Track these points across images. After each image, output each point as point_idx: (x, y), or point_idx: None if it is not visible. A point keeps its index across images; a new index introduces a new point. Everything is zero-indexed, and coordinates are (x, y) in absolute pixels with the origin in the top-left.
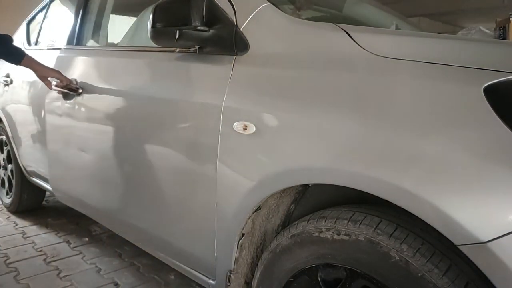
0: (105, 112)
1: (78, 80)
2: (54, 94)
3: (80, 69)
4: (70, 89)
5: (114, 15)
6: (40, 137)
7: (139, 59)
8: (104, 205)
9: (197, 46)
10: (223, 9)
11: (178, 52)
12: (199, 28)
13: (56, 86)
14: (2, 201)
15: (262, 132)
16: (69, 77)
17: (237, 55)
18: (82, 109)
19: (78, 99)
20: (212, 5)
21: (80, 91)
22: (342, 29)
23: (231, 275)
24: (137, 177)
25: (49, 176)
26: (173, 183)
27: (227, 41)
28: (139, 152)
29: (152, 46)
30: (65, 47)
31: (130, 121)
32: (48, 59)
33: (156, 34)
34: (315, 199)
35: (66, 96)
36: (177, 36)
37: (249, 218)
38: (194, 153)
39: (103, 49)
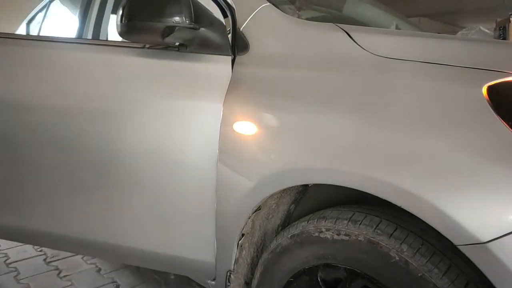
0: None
1: None
2: None
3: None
4: None
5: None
6: None
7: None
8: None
9: (177, 44)
10: (207, 8)
11: (147, 48)
12: (188, 25)
13: None
14: None
15: (262, 132)
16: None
17: (237, 55)
18: None
19: None
20: (197, 3)
21: None
22: (342, 29)
23: (231, 275)
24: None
25: None
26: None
27: (219, 41)
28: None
29: (114, 40)
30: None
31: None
32: None
33: (131, 29)
34: (315, 199)
35: None
36: (163, 31)
37: (249, 218)
38: (195, 153)
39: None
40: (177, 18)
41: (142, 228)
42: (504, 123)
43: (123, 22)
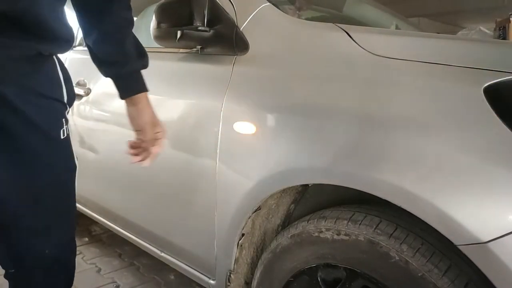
0: (111, 112)
1: (87, 81)
2: None
3: (88, 70)
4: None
5: None
6: None
7: None
8: (108, 204)
9: (199, 47)
10: (224, 9)
11: (181, 52)
12: (200, 28)
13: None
14: None
15: (262, 132)
16: (78, 78)
17: (237, 55)
18: (89, 109)
19: (87, 99)
20: (213, 5)
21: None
22: (342, 29)
23: (231, 275)
24: (139, 176)
25: None
26: (173, 182)
27: (228, 41)
28: None
29: (156, 46)
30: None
31: None
32: None
33: (159, 35)
34: (315, 199)
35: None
36: (178, 36)
37: (249, 218)
38: (195, 152)
39: None
40: (190, 22)
41: (158, 216)
42: (504, 123)
43: (153, 27)
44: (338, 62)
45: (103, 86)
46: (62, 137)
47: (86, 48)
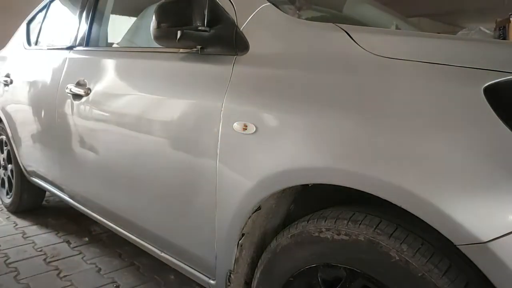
0: (111, 112)
1: (87, 81)
2: (64, 94)
3: (88, 70)
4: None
5: (117, 16)
6: (45, 137)
7: (144, 60)
8: (109, 204)
9: (199, 47)
10: (224, 9)
11: (181, 52)
12: (200, 28)
13: None
14: (2, 201)
15: (262, 132)
16: (78, 78)
17: (237, 55)
18: (89, 109)
19: (87, 99)
20: (214, 5)
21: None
22: (342, 29)
23: (231, 275)
24: (139, 176)
25: (57, 175)
26: (173, 182)
27: (228, 41)
28: (142, 151)
29: (156, 46)
30: (63, 47)
31: (134, 121)
32: (49, 59)
33: (159, 35)
34: (315, 199)
35: (75, 97)
36: (178, 36)
37: (249, 218)
38: (195, 153)
39: (109, 50)
40: (190, 22)
41: (158, 216)
42: (504, 123)
43: (153, 27)
44: (338, 62)
45: (103, 86)
46: None
47: (86, 48)
